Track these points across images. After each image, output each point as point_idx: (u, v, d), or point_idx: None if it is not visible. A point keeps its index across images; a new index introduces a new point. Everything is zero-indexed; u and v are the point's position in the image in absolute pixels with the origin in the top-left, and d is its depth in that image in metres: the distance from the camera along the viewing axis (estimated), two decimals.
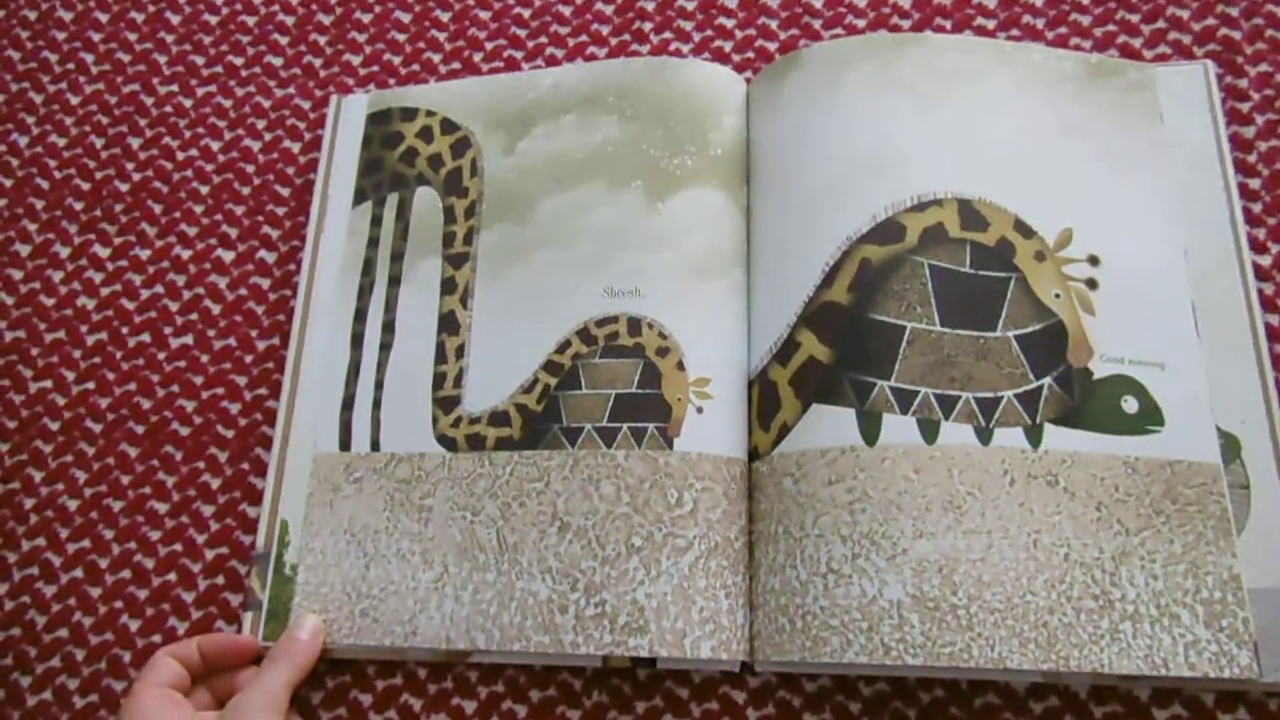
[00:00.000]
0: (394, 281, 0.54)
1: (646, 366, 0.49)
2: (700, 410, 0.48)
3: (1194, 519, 0.44)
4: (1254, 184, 0.53)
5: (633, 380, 0.49)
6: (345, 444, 0.52)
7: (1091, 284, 0.48)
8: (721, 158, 0.53)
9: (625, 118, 0.54)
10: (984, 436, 0.45)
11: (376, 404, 0.52)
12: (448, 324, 0.53)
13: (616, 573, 0.46)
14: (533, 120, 0.56)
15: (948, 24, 0.59)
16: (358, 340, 0.54)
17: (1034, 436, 0.45)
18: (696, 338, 0.50)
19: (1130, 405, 0.46)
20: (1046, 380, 0.46)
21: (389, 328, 0.54)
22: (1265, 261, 0.51)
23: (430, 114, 0.58)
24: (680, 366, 0.49)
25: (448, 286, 0.54)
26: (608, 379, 0.50)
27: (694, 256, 0.51)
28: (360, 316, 0.54)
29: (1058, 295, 0.47)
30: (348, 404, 0.52)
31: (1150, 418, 0.46)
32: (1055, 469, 0.45)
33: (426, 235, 0.55)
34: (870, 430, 0.45)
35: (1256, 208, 0.52)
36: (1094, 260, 0.48)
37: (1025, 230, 0.49)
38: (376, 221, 0.56)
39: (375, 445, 0.51)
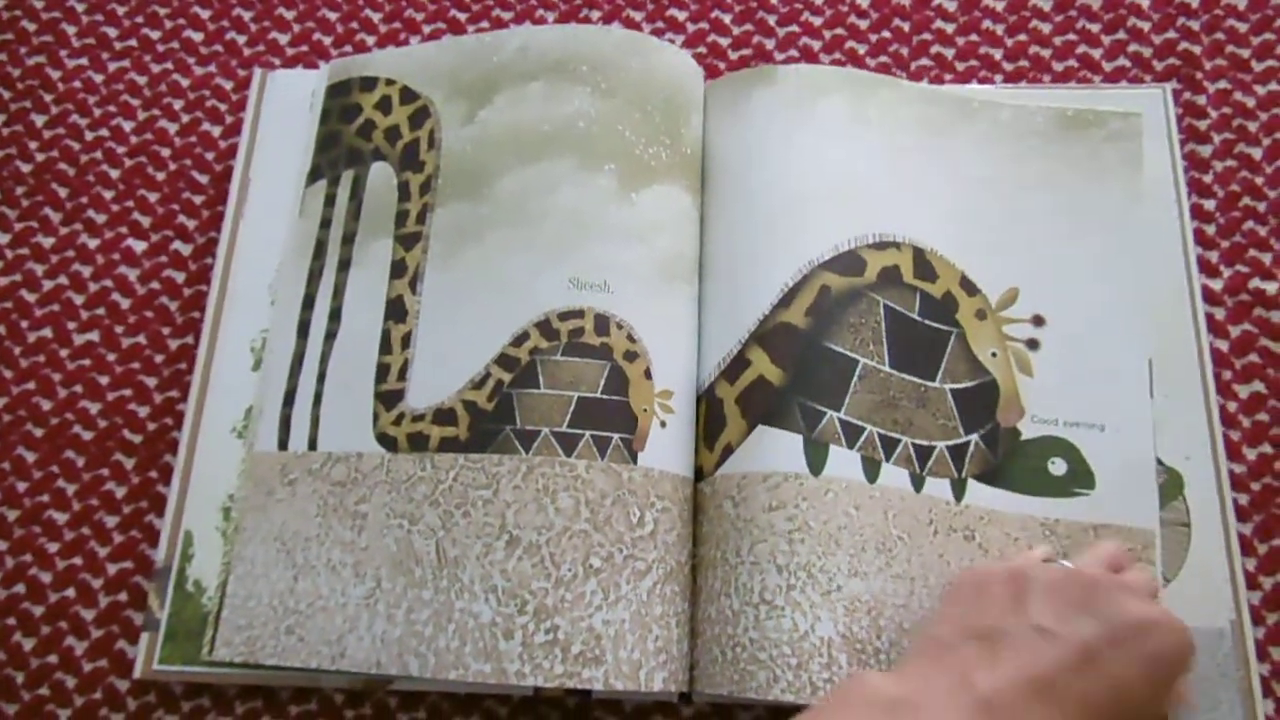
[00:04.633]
0: (344, 265, 0.50)
1: (613, 370, 0.45)
2: (664, 425, 0.45)
3: None
4: (1208, 205, 0.52)
5: (598, 384, 0.45)
6: (284, 443, 0.47)
7: (1033, 344, 0.48)
8: (690, 158, 0.50)
9: (599, 92, 0.49)
10: (917, 483, 0.45)
11: (317, 399, 0.48)
12: (395, 310, 0.48)
13: (572, 596, 0.41)
14: (496, 87, 0.50)
15: (906, 25, 0.57)
16: (304, 329, 0.49)
17: (958, 490, 0.45)
18: (664, 346, 0.46)
19: (1058, 467, 0.46)
20: (974, 436, 0.46)
21: (335, 315, 0.49)
22: (1216, 285, 0.50)
23: (390, 83, 0.52)
24: (647, 375, 0.45)
25: (397, 269, 0.49)
26: (570, 380, 0.45)
27: (664, 257, 0.47)
28: (309, 303, 0.49)
29: (994, 354, 0.47)
30: (289, 399, 0.48)
31: (1079, 480, 0.45)
32: (973, 524, 0.45)
33: (380, 214, 0.50)
34: (817, 459, 0.43)
35: (1210, 229, 0.52)
36: (1039, 320, 0.48)
37: (970, 287, 0.48)
38: (330, 201, 0.51)
39: (313, 444, 0.47)
